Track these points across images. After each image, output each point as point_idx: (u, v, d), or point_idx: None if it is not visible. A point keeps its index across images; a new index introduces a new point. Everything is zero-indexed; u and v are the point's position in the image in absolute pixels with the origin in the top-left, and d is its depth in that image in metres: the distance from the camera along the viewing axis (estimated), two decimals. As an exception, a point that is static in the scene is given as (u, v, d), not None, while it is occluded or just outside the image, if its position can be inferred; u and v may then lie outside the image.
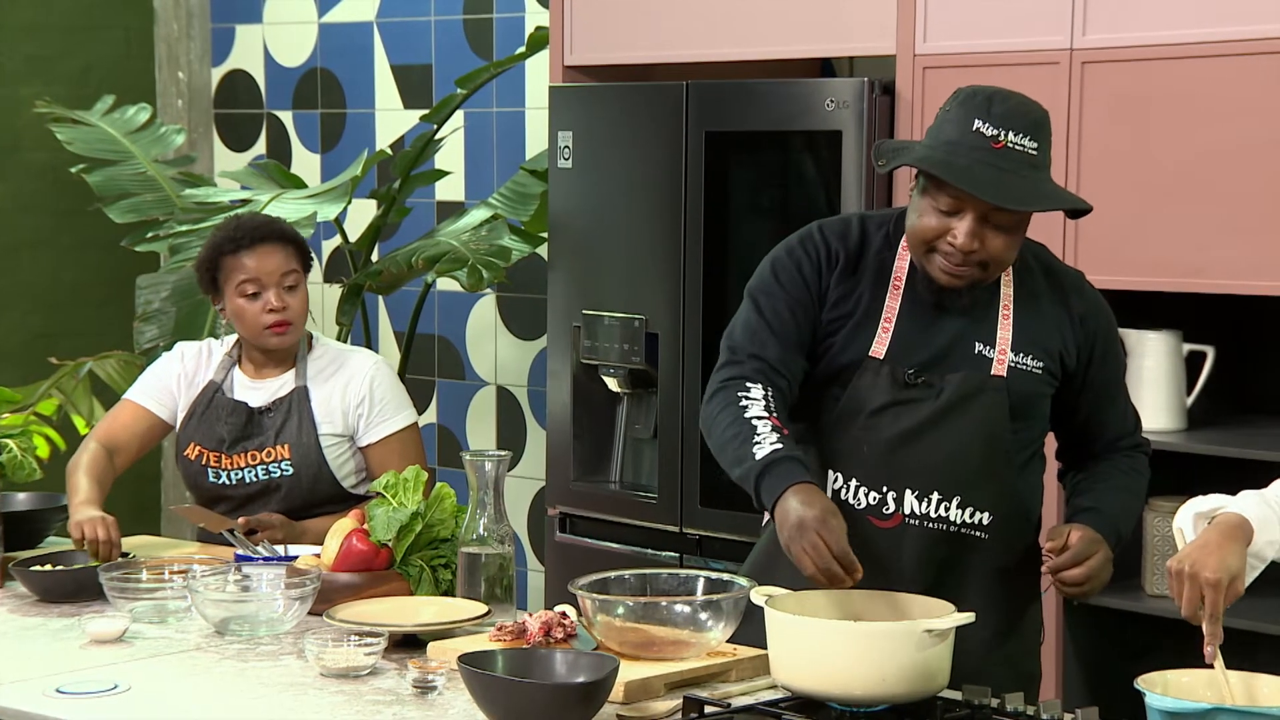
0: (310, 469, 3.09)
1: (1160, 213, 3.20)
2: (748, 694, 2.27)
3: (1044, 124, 2.35)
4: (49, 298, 5.11)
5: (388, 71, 4.96)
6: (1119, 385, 2.52)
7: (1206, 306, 3.31)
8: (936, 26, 3.42)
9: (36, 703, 2.25)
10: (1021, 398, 2.40)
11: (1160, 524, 3.29)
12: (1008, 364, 2.39)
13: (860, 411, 2.39)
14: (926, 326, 2.40)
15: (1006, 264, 2.38)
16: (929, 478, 2.37)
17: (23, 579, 2.79)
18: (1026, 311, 2.42)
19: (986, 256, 2.33)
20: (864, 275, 2.42)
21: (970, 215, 2.31)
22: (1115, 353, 2.51)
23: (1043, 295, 2.44)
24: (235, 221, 3.15)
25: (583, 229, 3.90)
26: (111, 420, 3.17)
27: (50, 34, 5.07)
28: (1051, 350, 2.42)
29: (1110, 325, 2.50)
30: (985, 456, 2.38)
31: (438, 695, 2.26)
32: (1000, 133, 2.30)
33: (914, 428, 2.38)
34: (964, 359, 2.39)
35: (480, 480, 2.55)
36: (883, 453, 2.38)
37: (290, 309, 3.08)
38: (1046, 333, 2.42)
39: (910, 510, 2.38)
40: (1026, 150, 2.31)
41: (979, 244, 2.32)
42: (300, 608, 2.56)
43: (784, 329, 2.40)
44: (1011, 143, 2.30)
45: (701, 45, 3.78)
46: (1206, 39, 3.12)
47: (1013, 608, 2.46)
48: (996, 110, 2.31)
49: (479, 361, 4.85)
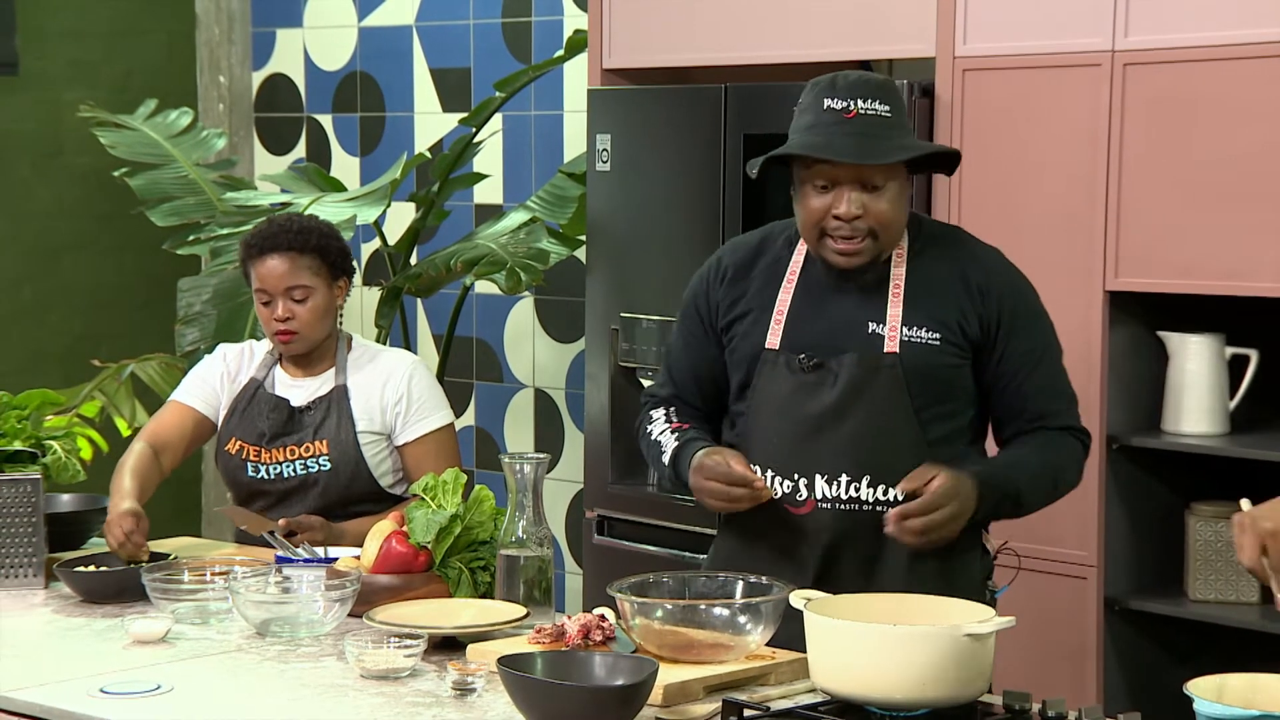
0: (348, 465, 3.10)
1: (1202, 215, 3.18)
2: (787, 697, 2.27)
3: (890, 88, 2.46)
4: (91, 300, 5.15)
5: (427, 75, 4.97)
6: (1040, 359, 2.51)
7: (1250, 310, 3.29)
8: (976, 29, 3.41)
9: (81, 703, 2.27)
10: (920, 371, 2.44)
11: (1203, 528, 3.27)
12: (899, 339, 2.44)
13: (768, 403, 2.50)
14: (819, 314, 2.50)
15: (895, 230, 2.46)
16: (836, 460, 2.44)
17: (66, 580, 2.81)
18: (920, 287, 2.47)
19: (874, 223, 2.43)
20: (755, 278, 2.56)
21: (845, 186, 2.42)
22: (1033, 326, 2.51)
23: (939, 271, 2.49)
24: (261, 226, 3.18)
25: (621, 232, 3.90)
26: (157, 421, 3.20)
27: (93, 39, 5.11)
28: (949, 322, 2.45)
29: (1020, 297, 2.50)
30: (890, 434, 2.43)
31: (477, 697, 2.26)
32: (849, 103, 2.43)
33: (818, 413, 2.46)
34: (856, 340, 2.46)
35: (519, 483, 2.56)
36: (791, 441, 2.48)
37: (296, 319, 3.09)
38: (942, 305, 2.46)
39: (821, 495, 2.46)
40: (879, 114, 2.42)
41: (861, 210, 2.42)
42: (340, 609, 2.57)
43: (689, 346, 2.62)
44: (862, 110, 2.42)
45: (740, 48, 3.78)
46: (1248, 40, 3.10)
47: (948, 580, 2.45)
48: (841, 85, 2.44)
49: (517, 364, 4.86)
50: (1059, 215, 3.33)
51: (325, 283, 3.12)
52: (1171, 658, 3.36)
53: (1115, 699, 3.29)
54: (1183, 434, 3.27)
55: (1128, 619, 3.32)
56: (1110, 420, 3.29)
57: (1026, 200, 3.37)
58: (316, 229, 3.16)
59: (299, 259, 3.10)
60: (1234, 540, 2.11)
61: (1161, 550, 3.37)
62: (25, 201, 5.02)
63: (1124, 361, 3.32)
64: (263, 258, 3.11)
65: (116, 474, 3.05)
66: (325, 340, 3.16)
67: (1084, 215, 3.29)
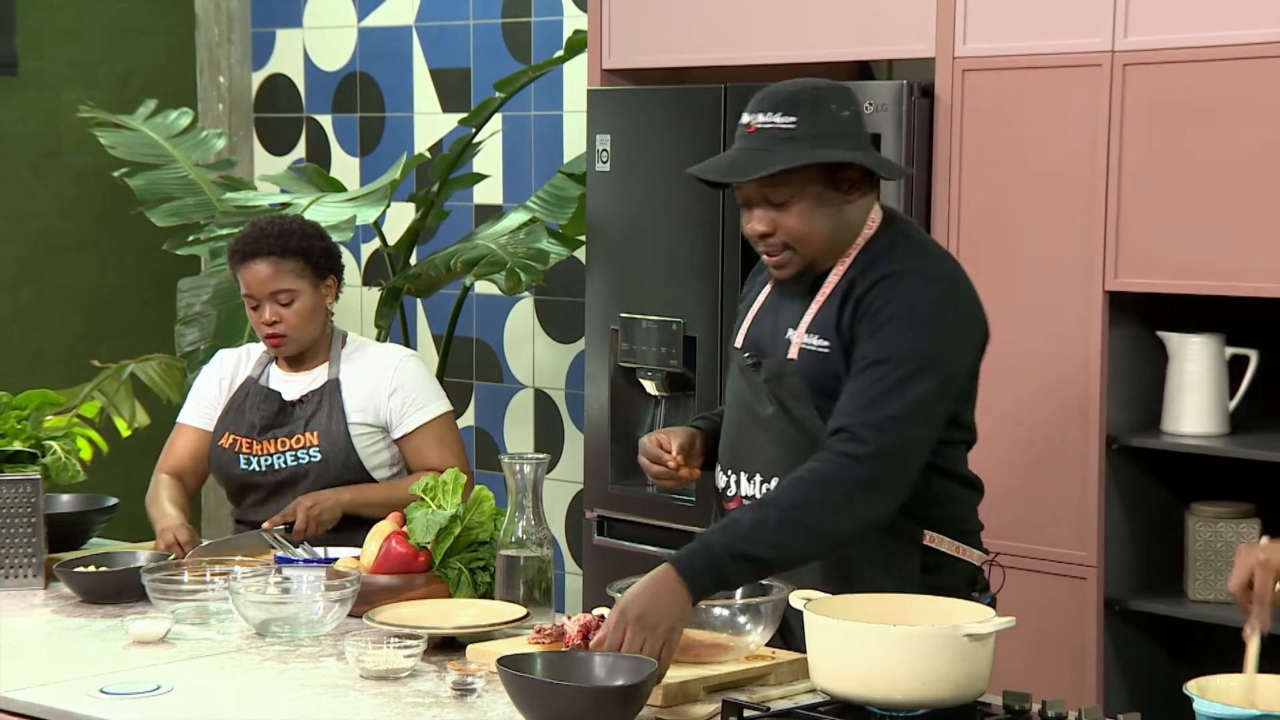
0: (339, 456, 3.12)
1: (1202, 215, 3.18)
2: (787, 698, 2.27)
3: (802, 98, 2.39)
4: (91, 301, 5.15)
5: (426, 75, 4.97)
6: (868, 367, 2.31)
7: (1249, 310, 3.29)
8: (976, 29, 3.41)
9: (80, 703, 2.27)
10: (817, 379, 2.41)
11: (1202, 529, 3.27)
12: (799, 346, 2.44)
13: (728, 399, 2.58)
14: (766, 316, 2.52)
15: (815, 242, 2.41)
16: (754, 460, 2.45)
17: (66, 580, 2.81)
18: (834, 295, 2.44)
19: (786, 237, 2.41)
20: (757, 281, 2.58)
21: (754, 202, 2.42)
22: (879, 332, 2.33)
23: (853, 279, 2.41)
24: (244, 230, 3.19)
25: (620, 232, 3.91)
26: (169, 449, 3.24)
27: (92, 39, 5.11)
28: (841, 328, 2.41)
29: (885, 302, 2.33)
30: (794, 439, 2.42)
31: (477, 697, 2.26)
32: (752, 117, 2.40)
33: (744, 414, 2.50)
34: (777, 345, 2.48)
35: (519, 483, 2.56)
36: (729, 437, 2.52)
37: (284, 322, 3.11)
38: (834, 313, 2.43)
39: (745, 493, 2.48)
40: (779, 126, 2.38)
41: (770, 226, 2.41)
42: (340, 610, 2.57)
43: None
44: (760, 123, 2.39)
45: (740, 48, 3.78)
46: (1248, 40, 3.10)
47: (863, 579, 2.38)
48: (753, 99, 2.42)
49: (517, 364, 4.86)
50: (1059, 215, 3.33)
51: (310, 284, 3.13)
52: (1171, 658, 3.36)
53: (1115, 699, 3.29)
54: (1182, 434, 3.27)
55: (1127, 619, 3.32)
56: (1110, 420, 3.29)
57: (1026, 200, 3.37)
58: (298, 230, 3.16)
59: (282, 262, 3.11)
60: (1240, 564, 2.11)
61: (1161, 550, 3.37)
62: (25, 202, 5.02)
63: (1124, 362, 3.32)
64: (246, 264, 3.13)
65: (152, 508, 3.10)
66: (318, 338, 3.18)
67: (1084, 215, 3.29)
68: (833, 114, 2.38)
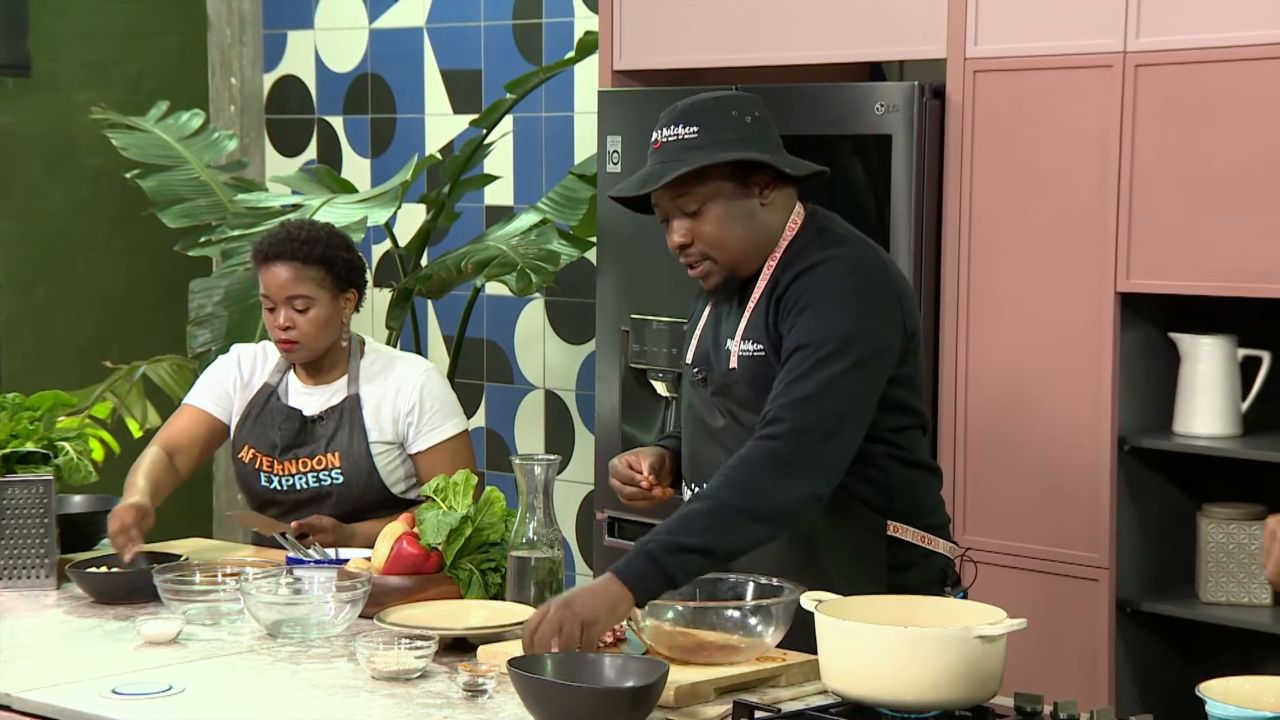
0: (360, 477, 3.11)
1: (1214, 217, 3.17)
2: (798, 699, 2.27)
3: (702, 108, 2.43)
4: (103, 302, 5.16)
5: (437, 77, 4.98)
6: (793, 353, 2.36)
7: (1262, 311, 3.28)
8: (987, 29, 3.41)
9: (93, 703, 2.28)
10: (758, 383, 2.43)
11: (1215, 530, 3.27)
12: (737, 355, 2.46)
13: (684, 414, 2.61)
14: (709, 330, 2.55)
15: (731, 249, 2.45)
16: (712, 471, 2.44)
17: (78, 580, 2.82)
18: (762, 298, 2.46)
19: (704, 246, 2.45)
20: (702, 295, 2.60)
21: (671, 216, 2.46)
22: (798, 325, 2.37)
23: (777, 279, 2.44)
24: (274, 230, 3.17)
25: (631, 233, 3.90)
26: (171, 425, 3.21)
27: (104, 41, 5.13)
28: (769, 329, 2.43)
29: (802, 295, 2.37)
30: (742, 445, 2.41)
31: (488, 698, 2.26)
32: (658, 133, 2.46)
33: (698, 428, 2.54)
34: (719, 356, 2.51)
35: (530, 484, 2.56)
36: (688, 450, 2.58)
37: (297, 329, 3.09)
38: (764, 315, 2.45)
39: None
40: (682, 137, 2.42)
41: (687, 237, 2.45)
42: (351, 611, 2.57)
43: None
44: (665, 137, 2.44)
45: (750, 49, 3.78)
46: (1260, 41, 3.09)
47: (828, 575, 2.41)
48: (660, 117, 2.46)
49: (528, 365, 4.87)
50: (1071, 216, 3.32)
51: (329, 294, 3.11)
52: (1183, 660, 3.36)
53: (1127, 701, 3.28)
54: (1195, 435, 3.27)
55: (1139, 621, 3.31)
56: (1122, 422, 3.29)
57: (1038, 201, 3.37)
58: (325, 239, 3.13)
59: (303, 269, 3.09)
60: (1264, 545, 2.10)
61: (1173, 552, 3.36)
62: (37, 203, 5.03)
63: (1136, 363, 3.31)
64: (268, 264, 3.11)
65: (130, 476, 3.06)
66: (333, 348, 3.16)
67: (1096, 216, 3.29)
68: (734, 120, 2.43)
